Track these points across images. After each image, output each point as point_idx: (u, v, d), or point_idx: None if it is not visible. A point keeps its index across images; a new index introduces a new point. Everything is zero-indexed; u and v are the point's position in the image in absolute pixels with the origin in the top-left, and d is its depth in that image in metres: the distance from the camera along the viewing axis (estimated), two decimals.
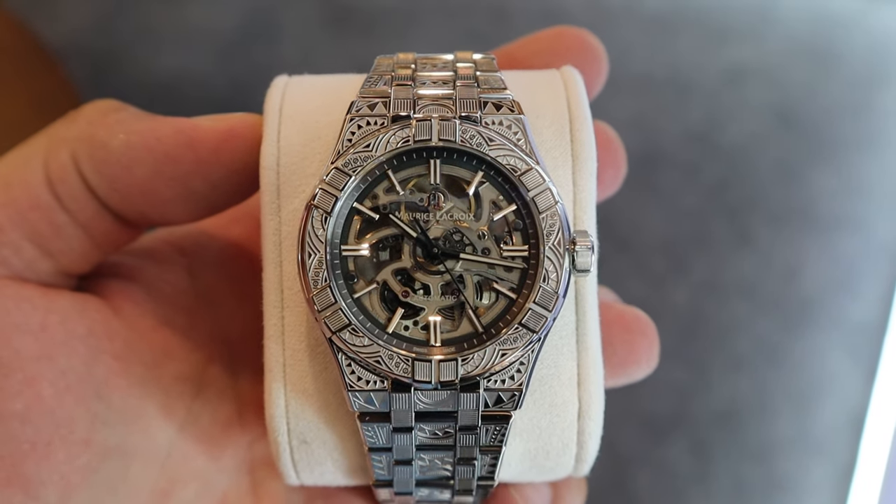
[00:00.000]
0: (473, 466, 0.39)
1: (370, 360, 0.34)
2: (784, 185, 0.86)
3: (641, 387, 0.89)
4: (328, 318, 0.34)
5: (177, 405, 0.42)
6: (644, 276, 0.85)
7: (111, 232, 0.40)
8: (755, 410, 0.85)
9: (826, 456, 0.85)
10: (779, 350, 0.86)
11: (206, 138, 0.38)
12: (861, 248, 0.86)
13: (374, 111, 0.35)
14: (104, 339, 0.39)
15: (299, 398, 0.38)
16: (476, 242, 0.36)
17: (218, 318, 0.44)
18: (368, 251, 0.35)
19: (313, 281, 0.34)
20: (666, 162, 0.86)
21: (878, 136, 0.87)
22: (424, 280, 0.36)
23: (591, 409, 0.39)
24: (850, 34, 0.88)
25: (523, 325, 0.35)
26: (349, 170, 0.34)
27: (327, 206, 0.34)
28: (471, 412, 0.36)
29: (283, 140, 0.38)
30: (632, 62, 0.87)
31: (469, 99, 0.36)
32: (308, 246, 0.34)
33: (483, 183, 0.36)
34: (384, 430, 0.36)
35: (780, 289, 0.86)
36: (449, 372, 0.34)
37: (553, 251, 0.35)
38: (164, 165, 0.38)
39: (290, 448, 0.39)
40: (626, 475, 0.84)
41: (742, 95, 0.87)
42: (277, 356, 0.38)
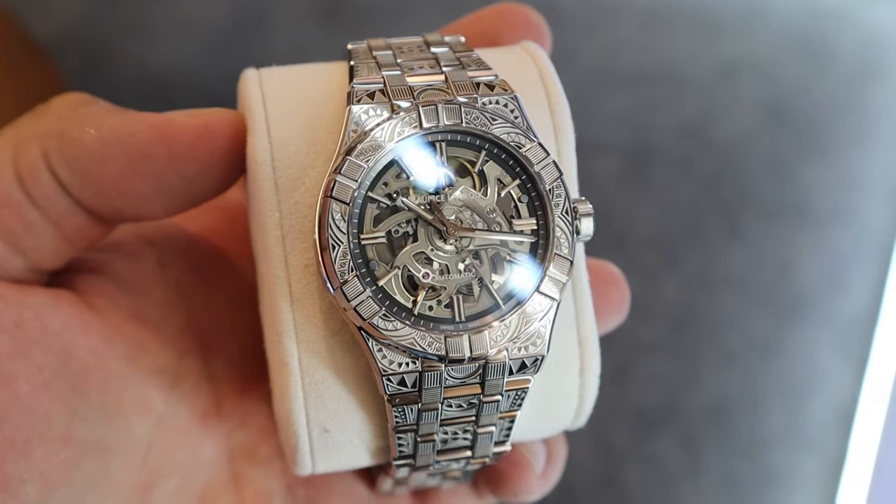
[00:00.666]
0: (492, 433, 0.40)
1: (403, 342, 0.35)
2: (776, 180, 0.87)
3: (632, 381, 0.89)
4: (359, 307, 0.35)
5: (154, 398, 0.41)
6: (636, 271, 0.86)
7: (84, 228, 0.39)
8: (746, 405, 0.85)
9: (816, 450, 0.85)
10: (770, 345, 0.86)
11: (180, 134, 0.37)
12: (853, 243, 0.87)
13: (374, 100, 0.36)
14: (79, 333, 0.39)
15: (318, 389, 0.38)
16: (486, 218, 0.37)
17: (190, 310, 0.44)
18: (385, 237, 0.36)
19: (339, 273, 0.35)
20: (658, 157, 0.86)
21: (871, 131, 0.87)
22: (442, 260, 0.36)
23: (591, 366, 0.41)
24: (843, 29, 0.88)
25: (542, 293, 0.36)
26: (362, 160, 0.35)
27: (345, 197, 0.35)
28: (498, 380, 0.37)
29: (274, 134, 0.38)
30: (624, 57, 0.87)
31: (463, 82, 0.37)
32: (331, 238, 0.35)
33: (487, 161, 0.37)
34: (413, 410, 0.37)
35: (772, 283, 0.86)
36: (479, 345, 0.35)
37: (562, 219, 0.37)
38: (137, 162, 0.37)
39: (309, 439, 0.39)
40: (617, 469, 0.84)
41: (735, 90, 0.87)
42: (292, 350, 0.38)
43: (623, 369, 0.85)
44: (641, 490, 0.85)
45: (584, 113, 0.93)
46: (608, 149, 0.86)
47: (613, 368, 0.85)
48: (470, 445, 0.40)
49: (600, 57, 0.87)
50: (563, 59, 0.92)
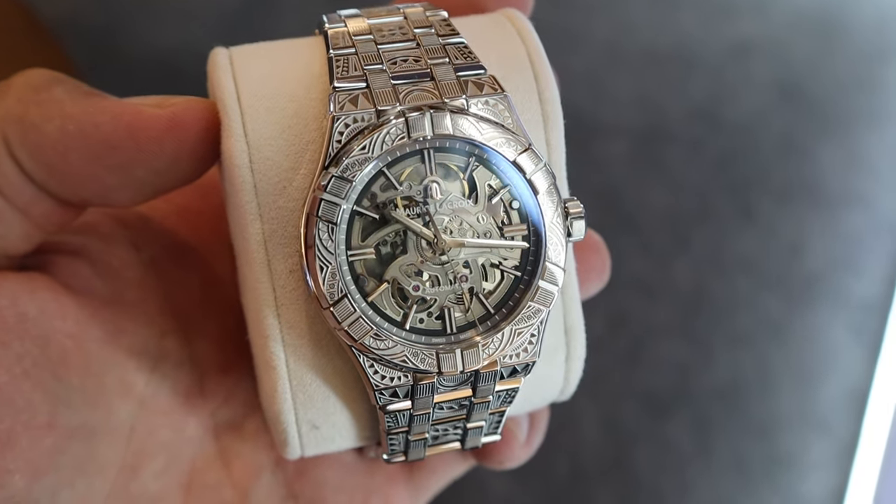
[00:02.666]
0: (482, 428, 0.40)
1: (395, 360, 0.35)
2: (788, 161, 0.86)
3: (644, 363, 0.89)
4: (350, 328, 0.34)
5: (135, 380, 0.41)
6: (647, 253, 0.85)
7: (52, 213, 0.38)
8: (757, 387, 0.85)
9: (828, 432, 0.85)
10: (781, 326, 0.85)
11: (147, 126, 0.35)
12: (866, 224, 0.86)
13: (357, 106, 0.34)
14: (56, 318, 0.38)
15: (306, 389, 0.38)
16: (476, 226, 0.36)
17: (167, 290, 0.43)
18: (374, 252, 0.35)
19: (329, 294, 0.34)
20: (670, 138, 0.86)
21: (884, 111, 0.87)
22: (432, 271, 0.35)
23: (577, 350, 0.41)
24: (855, 8, 0.87)
25: (535, 303, 0.36)
26: (349, 176, 0.34)
27: (333, 217, 0.34)
28: (488, 387, 0.37)
29: (251, 133, 0.36)
30: (636, 37, 0.87)
31: (450, 81, 0.35)
32: (319, 259, 0.34)
33: (477, 167, 0.36)
34: (405, 416, 0.37)
35: (784, 265, 0.86)
36: (472, 359, 0.35)
37: (554, 227, 0.36)
38: (102, 154, 0.35)
39: (298, 435, 0.39)
40: (627, 452, 0.84)
41: (746, 70, 0.86)
42: (279, 353, 0.37)
43: (634, 351, 0.85)
44: (651, 472, 0.85)
45: (595, 94, 0.93)
46: (619, 130, 0.85)
47: (625, 350, 0.85)
48: (460, 439, 0.40)
49: (611, 37, 0.86)
50: (574, 39, 0.92)
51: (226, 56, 0.38)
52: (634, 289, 0.84)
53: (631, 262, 0.84)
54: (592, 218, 0.39)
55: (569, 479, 0.84)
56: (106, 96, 0.37)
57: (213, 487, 0.43)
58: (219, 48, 0.39)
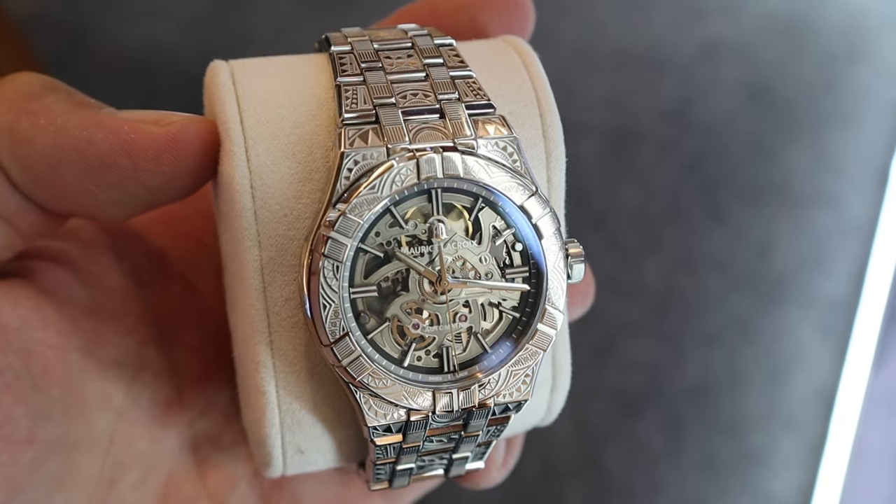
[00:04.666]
0: (467, 458, 0.40)
1: (391, 399, 0.35)
2: (757, 162, 0.87)
3: (614, 362, 0.89)
4: (350, 367, 0.34)
5: (115, 391, 0.40)
6: (618, 252, 0.86)
7: (37, 223, 0.37)
8: (727, 385, 0.86)
9: (797, 430, 0.86)
10: (751, 326, 0.86)
11: (145, 145, 0.34)
12: (833, 224, 0.87)
13: (367, 143, 0.34)
14: (38, 329, 0.37)
15: (295, 415, 0.37)
16: (479, 267, 0.36)
17: (148, 299, 0.42)
18: (376, 289, 0.35)
19: (331, 332, 0.34)
20: (640, 138, 0.86)
21: (851, 112, 0.88)
22: (432, 310, 0.35)
23: (562, 383, 0.41)
24: (823, 11, 0.88)
25: (532, 346, 0.36)
26: (357, 215, 0.33)
27: (339, 256, 0.33)
28: (479, 423, 0.37)
29: (254, 159, 0.35)
30: (607, 38, 0.87)
31: (460, 120, 0.35)
32: (322, 297, 0.33)
33: (482, 208, 0.35)
34: (394, 448, 0.37)
35: (753, 265, 0.86)
36: (468, 399, 0.35)
37: (555, 271, 0.36)
38: (95, 170, 0.34)
39: (283, 458, 0.38)
40: (599, 449, 0.85)
41: (716, 72, 0.87)
42: (269, 379, 0.37)
43: (604, 350, 0.85)
44: (622, 470, 0.85)
45: (566, 94, 0.93)
46: (590, 130, 0.86)
47: (595, 349, 0.85)
48: (445, 468, 0.40)
49: (582, 38, 0.87)
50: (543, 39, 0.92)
51: (227, 73, 0.37)
52: (605, 288, 0.85)
53: (602, 261, 0.85)
54: (564, 218, 0.39)
55: (540, 478, 0.84)
56: (100, 108, 0.35)
57: (190, 498, 0.42)
58: (219, 62, 0.38)
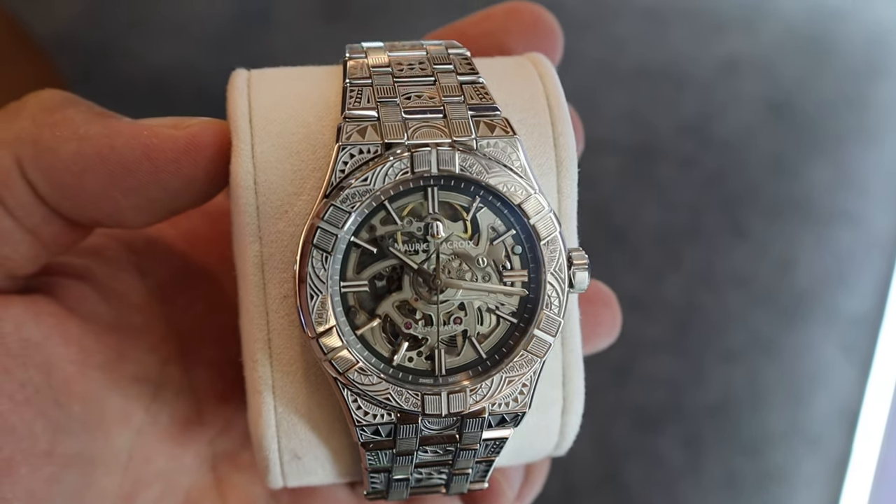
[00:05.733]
0: (468, 475, 0.39)
1: (379, 397, 0.34)
2: (779, 178, 0.86)
3: (635, 379, 0.89)
4: (335, 360, 0.34)
5: (135, 407, 0.40)
6: (638, 269, 0.85)
7: (61, 234, 0.37)
8: (748, 403, 0.85)
9: (819, 448, 0.85)
10: (773, 343, 0.86)
11: (164, 147, 0.35)
12: (856, 241, 0.86)
13: (365, 137, 0.34)
14: (60, 345, 0.37)
15: (291, 418, 0.37)
16: (475, 269, 0.35)
17: (171, 316, 0.42)
18: (368, 285, 0.35)
19: (317, 323, 0.33)
20: (661, 154, 0.86)
21: (874, 128, 0.87)
22: (426, 310, 0.35)
23: (574, 405, 0.40)
24: (845, 26, 0.87)
25: (528, 352, 0.35)
26: (348, 206, 0.33)
27: (328, 246, 0.33)
28: (475, 435, 0.36)
29: (259, 156, 0.36)
30: (627, 55, 0.87)
31: (461, 121, 0.35)
32: (310, 287, 0.33)
33: (481, 208, 0.35)
34: (387, 455, 0.36)
35: (775, 282, 0.86)
36: (458, 403, 0.34)
37: (554, 276, 0.35)
38: (118, 175, 0.35)
39: (280, 463, 0.38)
40: (619, 467, 0.84)
41: (737, 88, 0.87)
42: (266, 379, 0.37)
43: (625, 367, 0.85)
44: (643, 488, 0.85)
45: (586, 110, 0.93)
46: (611, 146, 0.86)
47: (616, 367, 0.85)
48: (445, 483, 0.39)
49: (603, 54, 0.87)
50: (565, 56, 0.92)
51: (244, 78, 0.38)
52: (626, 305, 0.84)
53: (622, 278, 0.85)
54: (584, 234, 0.39)
55: (559, 496, 0.84)
56: (120, 118, 0.36)
57: None
58: (240, 70, 0.38)
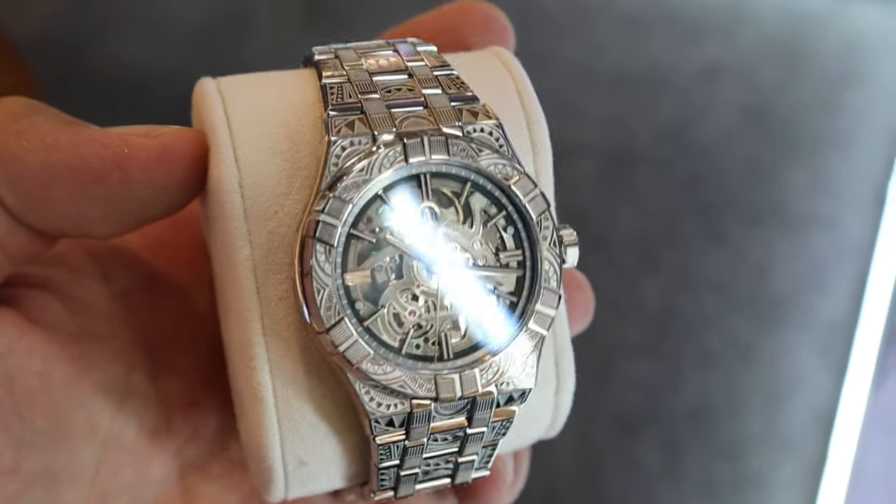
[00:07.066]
0: (473, 462, 0.39)
1: (393, 385, 0.34)
2: (756, 183, 0.87)
3: (612, 383, 0.89)
4: (347, 352, 0.33)
5: (101, 419, 0.39)
6: (616, 273, 0.86)
7: (26, 245, 0.36)
8: (726, 407, 0.86)
9: (796, 453, 0.86)
10: (750, 347, 0.86)
11: (136, 157, 0.34)
12: (832, 246, 0.87)
13: (354, 130, 0.34)
14: (23, 357, 0.36)
15: (293, 421, 0.37)
16: (472, 252, 0.36)
17: (137, 323, 0.42)
18: (370, 275, 0.34)
19: (326, 317, 0.33)
20: (639, 159, 0.86)
21: (849, 134, 0.88)
22: (428, 297, 0.35)
23: (566, 384, 0.40)
24: (821, 33, 0.88)
25: (531, 328, 0.35)
26: (347, 197, 0.33)
27: (331, 239, 0.33)
28: (485, 415, 0.36)
29: (242, 159, 0.35)
30: (606, 60, 0.87)
31: (444, 108, 0.35)
32: (316, 281, 0.33)
33: (472, 193, 0.36)
34: (398, 448, 0.36)
35: (752, 286, 0.86)
36: (470, 384, 0.34)
37: (550, 252, 0.36)
38: (88, 185, 0.34)
39: (284, 473, 0.38)
40: (597, 471, 0.84)
41: (715, 93, 0.87)
42: (266, 384, 0.36)
43: (603, 371, 0.85)
44: (621, 492, 0.85)
45: (565, 115, 0.94)
46: (589, 151, 0.86)
47: (593, 370, 0.85)
48: (451, 474, 0.40)
49: (582, 59, 0.87)
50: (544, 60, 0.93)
51: (213, 85, 0.37)
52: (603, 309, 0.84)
53: (600, 282, 0.84)
54: None
55: (539, 499, 0.84)
56: (89, 126, 0.35)
57: None
58: (205, 78, 0.38)
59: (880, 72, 0.88)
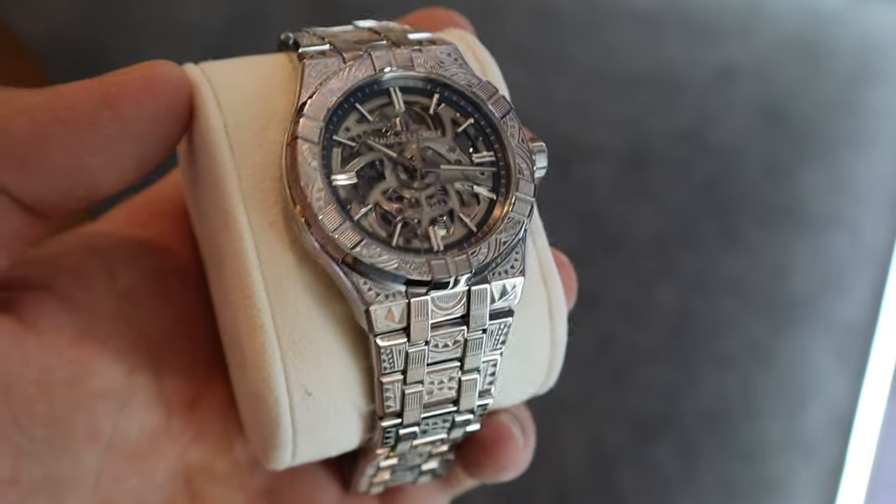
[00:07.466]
0: (476, 381, 0.39)
1: (389, 268, 0.35)
2: (773, 184, 0.86)
3: (628, 386, 0.89)
4: (340, 238, 0.35)
5: (103, 423, 0.39)
6: (632, 276, 0.85)
7: (22, 228, 0.36)
8: (743, 411, 0.85)
9: (814, 457, 0.85)
10: (767, 350, 0.85)
11: (123, 93, 0.35)
12: (850, 247, 0.86)
13: (326, 56, 0.38)
14: (19, 365, 0.36)
15: (295, 347, 0.37)
16: (448, 155, 0.38)
17: (141, 322, 0.41)
18: (356, 177, 0.37)
19: (316, 206, 0.35)
20: (655, 161, 0.86)
21: (868, 134, 0.87)
22: (412, 195, 0.37)
23: (559, 309, 0.42)
24: (839, 32, 0.87)
25: (512, 214, 0.37)
26: (324, 101, 0.36)
27: (314, 137, 0.35)
28: (482, 310, 0.37)
29: (224, 101, 0.38)
30: (621, 61, 0.87)
31: (405, 39, 0.39)
32: (304, 177, 0.35)
33: (440, 104, 0.39)
34: (401, 353, 0.36)
35: (769, 288, 0.86)
36: (463, 266, 0.36)
37: (520, 148, 0.38)
38: (83, 133, 0.34)
39: (290, 408, 0.37)
40: (612, 474, 0.84)
41: (731, 93, 0.87)
42: (265, 309, 0.37)
43: (619, 375, 0.85)
44: (637, 496, 0.84)
45: (580, 117, 0.93)
46: (604, 153, 0.86)
47: (609, 373, 0.85)
48: (455, 398, 0.40)
49: (597, 60, 0.87)
50: (559, 62, 0.92)
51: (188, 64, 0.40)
52: (619, 311, 0.84)
53: (615, 285, 0.84)
54: (576, 240, 0.40)
55: (552, 502, 0.83)
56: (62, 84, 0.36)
57: None
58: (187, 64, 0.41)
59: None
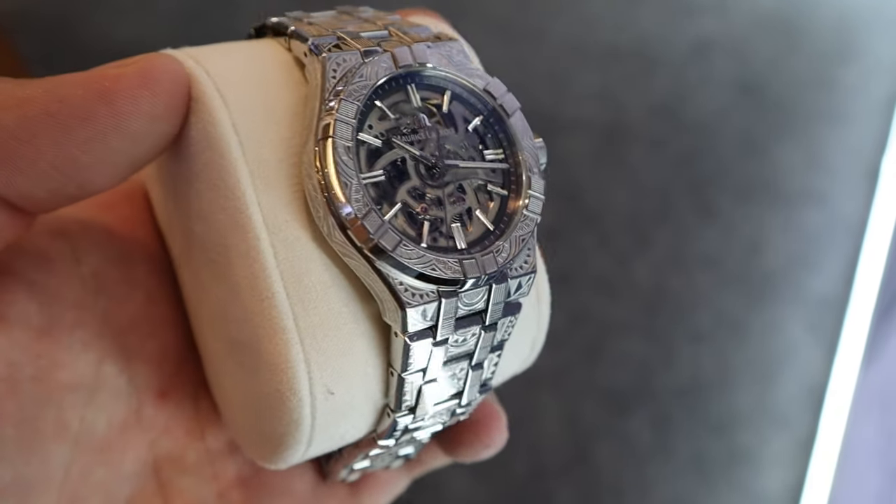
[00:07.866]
0: (482, 371, 0.40)
1: (426, 269, 0.35)
2: (748, 159, 0.87)
3: (604, 360, 0.89)
4: (382, 239, 0.34)
5: (71, 417, 0.38)
6: (608, 250, 0.85)
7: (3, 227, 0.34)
8: (716, 384, 0.86)
9: (786, 428, 0.86)
10: (741, 324, 0.86)
11: (119, 87, 0.33)
12: (823, 222, 0.87)
13: (342, 49, 0.37)
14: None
15: (319, 346, 0.36)
16: (462, 152, 0.38)
17: (108, 308, 0.40)
18: (384, 174, 0.36)
19: (356, 208, 0.34)
20: (631, 136, 0.86)
21: (841, 110, 0.87)
22: (434, 193, 0.37)
23: (544, 294, 0.42)
24: (814, 9, 0.88)
25: (527, 212, 0.38)
26: (354, 99, 0.36)
27: (347, 136, 0.35)
28: (499, 305, 0.38)
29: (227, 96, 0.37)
30: (598, 34, 0.87)
31: (410, 34, 0.39)
32: (342, 175, 0.34)
33: (452, 101, 0.39)
34: (425, 349, 0.37)
35: (743, 262, 0.86)
36: (490, 264, 0.36)
37: (528, 146, 0.39)
38: (74, 128, 0.32)
39: (312, 407, 0.37)
40: (589, 448, 0.85)
41: (707, 69, 0.87)
42: (286, 311, 0.36)
43: (595, 349, 0.85)
44: (612, 468, 0.85)
45: (556, 90, 0.93)
46: (581, 126, 0.85)
47: (585, 347, 0.85)
48: (461, 391, 0.40)
49: (573, 33, 0.86)
50: (537, 35, 0.92)
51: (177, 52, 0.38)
52: (595, 286, 0.84)
53: (592, 260, 0.84)
54: (554, 215, 0.40)
55: (528, 477, 0.84)
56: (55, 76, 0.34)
57: None
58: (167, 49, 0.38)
59: (875, 47, 0.88)
